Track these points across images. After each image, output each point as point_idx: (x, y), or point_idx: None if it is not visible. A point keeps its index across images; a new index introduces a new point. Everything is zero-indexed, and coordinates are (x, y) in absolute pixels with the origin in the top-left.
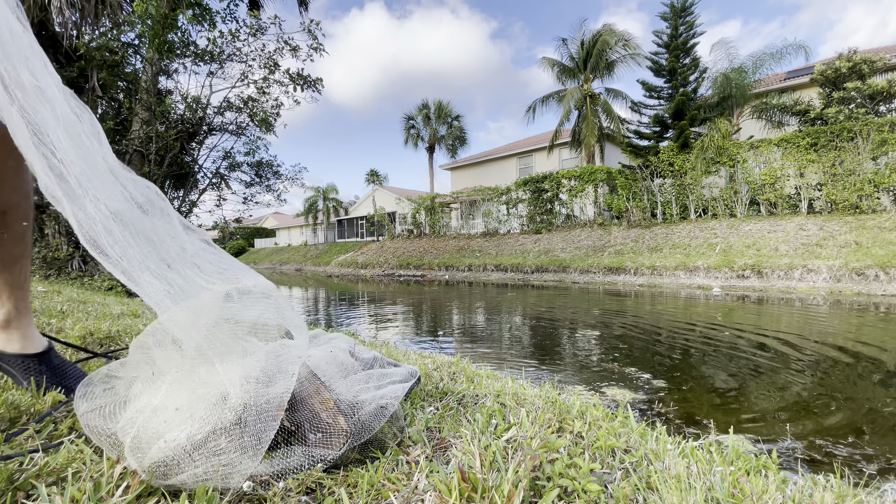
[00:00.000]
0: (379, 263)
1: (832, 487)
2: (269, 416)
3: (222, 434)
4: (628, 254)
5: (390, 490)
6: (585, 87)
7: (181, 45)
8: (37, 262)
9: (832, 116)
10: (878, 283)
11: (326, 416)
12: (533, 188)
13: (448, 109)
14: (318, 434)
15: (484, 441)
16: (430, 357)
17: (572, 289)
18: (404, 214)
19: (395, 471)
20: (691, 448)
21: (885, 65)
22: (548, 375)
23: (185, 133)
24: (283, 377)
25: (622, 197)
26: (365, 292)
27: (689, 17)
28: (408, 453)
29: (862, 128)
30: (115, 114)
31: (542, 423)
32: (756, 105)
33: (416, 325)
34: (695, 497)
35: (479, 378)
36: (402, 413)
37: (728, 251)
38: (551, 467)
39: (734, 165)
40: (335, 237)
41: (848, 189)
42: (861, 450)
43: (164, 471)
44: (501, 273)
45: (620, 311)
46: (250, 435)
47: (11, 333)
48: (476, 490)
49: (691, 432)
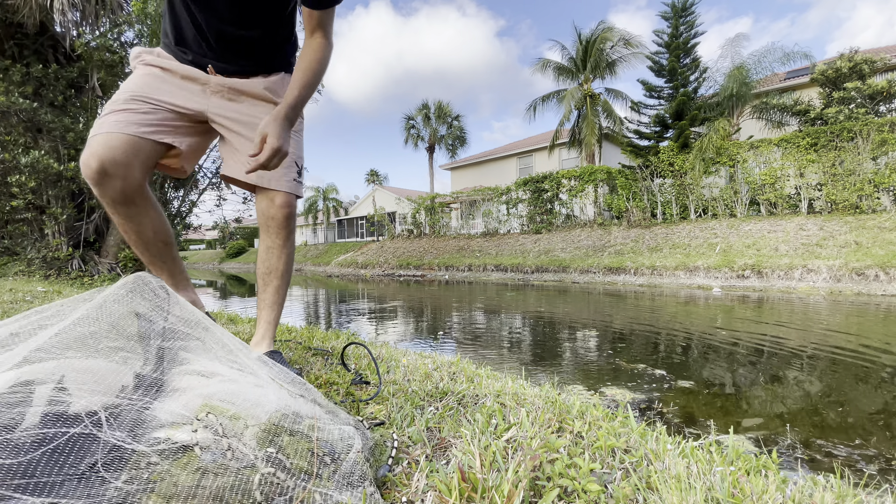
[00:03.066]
0: (379, 263)
1: (832, 487)
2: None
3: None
4: (628, 254)
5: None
6: (585, 87)
7: None
8: (37, 263)
9: (832, 116)
10: (878, 283)
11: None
12: (533, 188)
13: (448, 109)
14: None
15: (484, 441)
16: (429, 357)
17: (572, 289)
18: (404, 214)
19: (395, 471)
20: (691, 448)
21: (886, 65)
22: (548, 375)
23: None
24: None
25: (622, 197)
26: (365, 292)
27: (690, 16)
28: (408, 453)
29: (862, 128)
30: None
31: (542, 423)
32: (756, 105)
33: (416, 325)
34: (695, 497)
35: (479, 378)
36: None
37: (728, 251)
38: (551, 467)
39: (734, 165)
40: (335, 237)
41: (848, 189)
42: (861, 450)
43: None
44: (501, 273)
45: (620, 311)
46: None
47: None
48: (476, 490)
49: (691, 432)
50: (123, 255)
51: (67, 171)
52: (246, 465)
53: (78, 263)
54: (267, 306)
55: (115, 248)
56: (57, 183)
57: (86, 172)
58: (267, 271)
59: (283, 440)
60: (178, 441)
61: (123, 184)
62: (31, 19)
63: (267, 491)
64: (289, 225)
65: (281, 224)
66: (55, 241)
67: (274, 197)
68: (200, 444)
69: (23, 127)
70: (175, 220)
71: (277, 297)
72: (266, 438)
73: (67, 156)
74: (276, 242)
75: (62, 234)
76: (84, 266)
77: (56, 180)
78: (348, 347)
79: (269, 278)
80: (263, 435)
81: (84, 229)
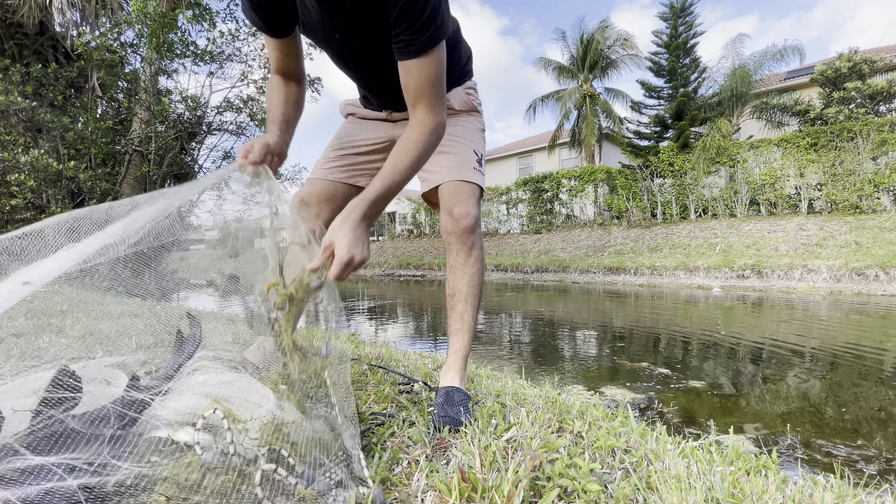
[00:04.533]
0: (379, 263)
1: (832, 487)
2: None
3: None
4: (628, 254)
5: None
6: (585, 87)
7: (181, 45)
8: None
9: (832, 116)
10: (878, 283)
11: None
12: (533, 188)
13: None
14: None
15: (484, 441)
16: (430, 357)
17: (572, 289)
18: (404, 214)
19: (396, 470)
20: (691, 448)
21: (886, 65)
22: (548, 375)
23: (184, 133)
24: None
25: (622, 197)
26: (365, 292)
27: (689, 17)
28: (408, 453)
29: (862, 128)
30: (114, 113)
31: (542, 423)
32: (756, 105)
33: (416, 325)
34: (695, 497)
35: (479, 378)
36: None
37: (728, 251)
38: (551, 467)
39: (734, 165)
40: None
41: (848, 189)
42: (861, 450)
43: None
44: (501, 273)
45: (620, 311)
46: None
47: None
48: (476, 490)
49: (691, 432)
50: None
51: (67, 170)
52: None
53: None
54: (452, 333)
55: None
56: (56, 182)
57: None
58: (451, 293)
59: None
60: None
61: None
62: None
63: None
64: (470, 238)
65: (460, 236)
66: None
67: (452, 206)
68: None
69: (22, 126)
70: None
71: (462, 323)
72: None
73: (67, 155)
74: (457, 260)
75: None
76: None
77: (55, 179)
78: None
79: (453, 301)
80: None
81: None
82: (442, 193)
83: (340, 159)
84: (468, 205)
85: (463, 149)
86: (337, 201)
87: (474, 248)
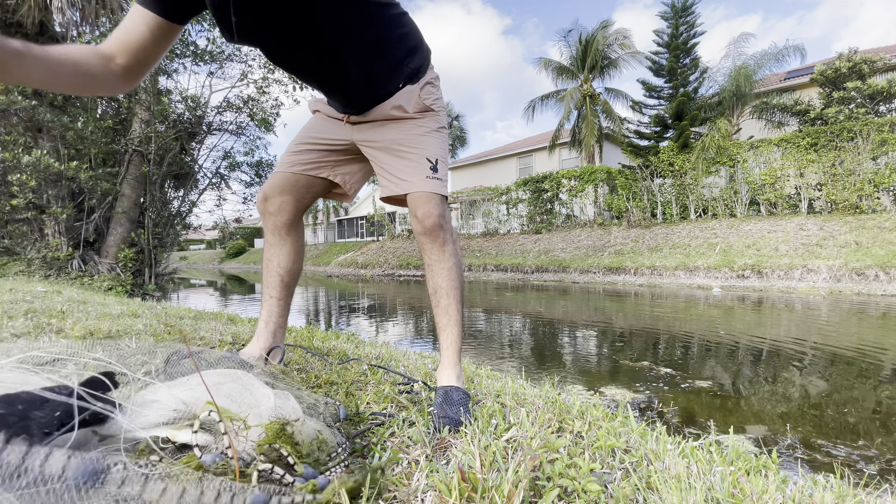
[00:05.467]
0: (379, 263)
1: (832, 487)
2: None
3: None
4: (628, 254)
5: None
6: (585, 87)
7: (181, 44)
8: (37, 262)
9: (832, 116)
10: (878, 282)
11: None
12: (533, 188)
13: (447, 110)
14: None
15: (484, 441)
16: (429, 357)
17: (572, 289)
18: (404, 214)
19: (396, 470)
20: (691, 448)
21: (886, 65)
22: (548, 375)
23: (184, 133)
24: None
25: (622, 197)
26: (365, 292)
27: (690, 16)
28: (408, 453)
29: (862, 128)
30: (114, 113)
31: (542, 423)
32: (756, 105)
33: (416, 325)
34: (695, 497)
35: (479, 378)
36: None
37: (728, 251)
38: (551, 467)
39: (734, 165)
40: (335, 237)
41: (848, 189)
42: (861, 450)
43: None
44: (501, 273)
45: (620, 311)
46: None
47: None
48: (476, 490)
49: (691, 432)
50: (123, 255)
51: (68, 170)
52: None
53: (78, 263)
54: (441, 330)
55: (114, 248)
56: (57, 182)
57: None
58: (433, 291)
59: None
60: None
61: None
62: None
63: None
64: (440, 235)
65: (429, 235)
66: (55, 241)
67: (416, 209)
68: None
69: (23, 126)
70: (175, 220)
71: (448, 318)
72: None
73: (67, 155)
74: (432, 258)
75: (62, 234)
76: (84, 266)
77: (56, 180)
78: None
79: (436, 298)
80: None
81: (84, 229)
82: (408, 198)
83: (305, 153)
84: (429, 206)
85: (414, 158)
86: (300, 191)
87: (446, 244)
